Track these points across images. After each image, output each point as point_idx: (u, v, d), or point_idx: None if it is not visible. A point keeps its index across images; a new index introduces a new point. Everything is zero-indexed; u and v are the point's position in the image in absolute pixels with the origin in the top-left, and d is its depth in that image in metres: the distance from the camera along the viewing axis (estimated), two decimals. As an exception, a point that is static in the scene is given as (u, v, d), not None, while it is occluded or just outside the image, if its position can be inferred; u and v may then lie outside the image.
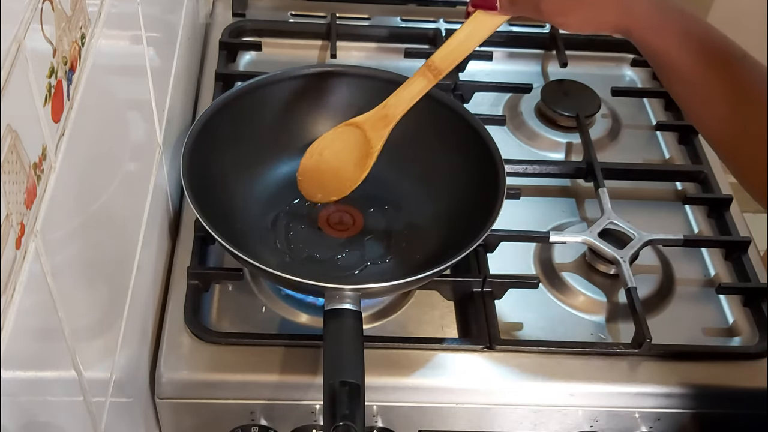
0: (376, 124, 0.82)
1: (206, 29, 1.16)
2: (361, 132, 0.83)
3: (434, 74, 0.79)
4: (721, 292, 0.89)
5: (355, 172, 0.84)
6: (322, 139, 0.86)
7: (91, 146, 0.58)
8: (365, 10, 1.20)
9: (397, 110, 0.81)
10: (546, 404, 0.81)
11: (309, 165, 0.86)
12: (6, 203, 0.42)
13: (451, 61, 0.79)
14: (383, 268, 0.85)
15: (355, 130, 0.83)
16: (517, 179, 0.96)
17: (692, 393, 0.81)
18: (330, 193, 0.85)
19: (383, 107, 0.82)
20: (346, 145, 0.84)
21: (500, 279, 0.85)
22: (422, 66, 0.80)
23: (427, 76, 0.80)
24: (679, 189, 1.01)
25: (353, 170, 0.84)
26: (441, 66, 0.79)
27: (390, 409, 0.80)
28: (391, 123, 0.81)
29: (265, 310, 0.84)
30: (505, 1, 0.74)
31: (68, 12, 0.51)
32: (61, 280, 0.50)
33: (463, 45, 0.79)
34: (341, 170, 0.84)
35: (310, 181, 0.86)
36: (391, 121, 0.81)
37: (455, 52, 0.79)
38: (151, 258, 0.79)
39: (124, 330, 0.68)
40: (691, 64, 0.68)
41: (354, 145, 0.83)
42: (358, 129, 0.83)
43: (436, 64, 0.79)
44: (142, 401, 0.77)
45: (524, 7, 0.73)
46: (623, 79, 1.16)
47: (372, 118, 0.82)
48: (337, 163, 0.84)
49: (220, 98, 0.89)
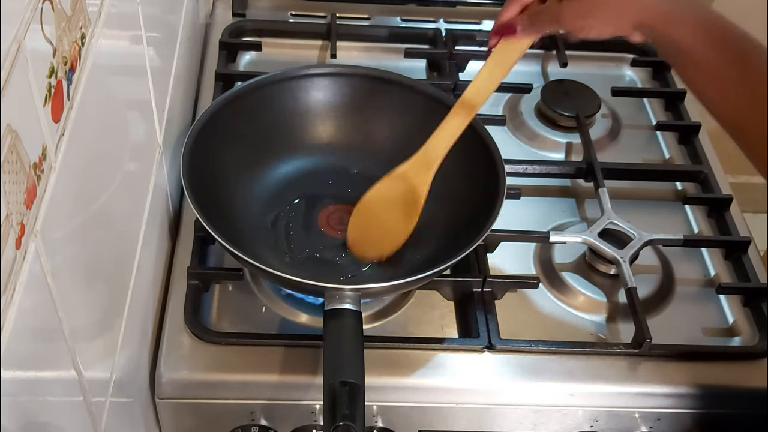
0: (419, 170, 0.82)
1: (206, 29, 1.16)
2: (405, 181, 0.82)
3: (467, 111, 0.80)
4: (721, 292, 0.89)
5: (405, 224, 0.83)
6: (369, 196, 0.84)
7: (91, 146, 0.58)
8: (365, 10, 1.20)
9: (437, 152, 0.81)
10: (546, 404, 0.81)
11: (359, 225, 0.84)
12: (6, 203, 0.42)
13: (483, 93, 0.80)
14: (383, 268, 0.85)
15: (399, 181, 0.83)
16: (517, 179, 0.96)
17: (692, 393, 0.81)
18: (383, 249, 0.84)
19: (424, 152, 0.82)
20: (393, 199, 0.83)
21: (500, 279, 0.85)
22: (455, 104, 0.81)
23: (461, 114, 0.81)
24: (679, 189, 1.01)
25: (403, 223, 0.83)
26: (474, 101, 0.80)
27: (390, 409, 0.80)
28: (433, 166, 0.81)
29: (265, 310, 0.84)
30: (524, 23, 0.75)
31: (68, 12, 0.51)
32: (61, 280, 0.50)
33: (492, 77, 0.80)
34: (392, 224, 0.84)
35: (362, 241, 0.85)
36: (433, 164, 0.81)
37: (486, 85, 0.80)
38: (151, 258, 0.79)
39: (124, 330, 0.68)
40: (710, 53, 0.68)
41: (401, 197, 0.83)
42: (402, 179, 0.82)
43: (469, 101, 0.80)
44: (142, 401, 0.77)
45: (544, 22, 0.74)
46: (623, 79, 1.16)
47: (415, 165, 0.82)
48: (386, 218, 0.84)
49: (220, 98, 0.89)
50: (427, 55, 1.13)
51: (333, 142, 0.93)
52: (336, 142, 0.93)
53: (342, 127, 0.94)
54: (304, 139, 0.93)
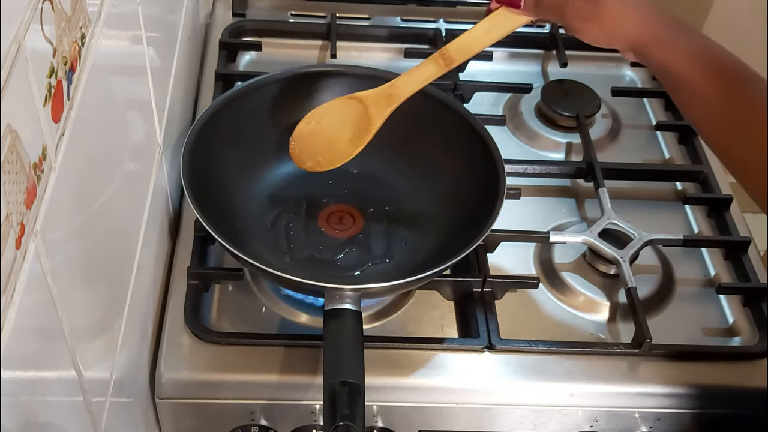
0: (379, 101, 0.81)
1: (206, 29, 1.16)
2: (363, 107, 0.81)
3: (446, 62, 0.79)
4: (721, 292, 0.89)
5: (349, 147, 0.82)
6: (322, 108, 0.84)
7: (91, 146, 0.58)
8: (365, 10, 1.20)
9: (403, 91, 0.80)
10: (546, 404, 0.81)
11: (305, 131, 0.83)
12: (6, 203, 0.42)
13: (465, 52, 0.79)
14: (383, 268, 0.85)
15: (357, 104, 0.82)
16: (517, 179, 0.96)
17: (692, 393, 0.81)
18: (320, 163, 0.83)
19: (390, 86, 0.81)
20: (345, 118, 0.82)
21: (500, 279, 0.85)
22: (436, 52, 0.80)
23: (439, 62, 0.79)
24: (679, 189, 1.01)
25: (348, 144, 0.82)
26: (454, 56, 0.79)
27: (390, 409, 0.80)
28: (395, 103, 0.80)
29: (265, 310, 0.84)
30: (530, 3, 0.75)
31: (68, 12, 0.51)
32: (61, 280, 0.50)
33: (480, 39, 0.78)
34: (336, 142, 0.82)
35: (303, 148, 0.83)
36: (395, 101, 0.80)
37: (471, 45, 0.79)
38: (151, 258, 0.79)
39: (124, 330, 0.68)
40: (704, 81, 0.69)
41: (353, 119, 0.81)
42: (360, 104, 0.81)
43: (449, 53, 0.79)
44: (142, 401, 0.77)
45: (549, 9, 0.74)
46: (623, 79, 1.16)
47: (377, 95, 0.81)
48: (333, 134, 0.82)
49: (220, 98, 0.89)
50: (427, 55, 1.12)
51: (333, 142, 0.93)
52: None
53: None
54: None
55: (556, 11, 0.74)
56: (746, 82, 0.69)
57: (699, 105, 0.71)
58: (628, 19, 0.72)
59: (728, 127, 0.69)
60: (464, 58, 0.79)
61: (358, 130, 0.81)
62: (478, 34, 0.78)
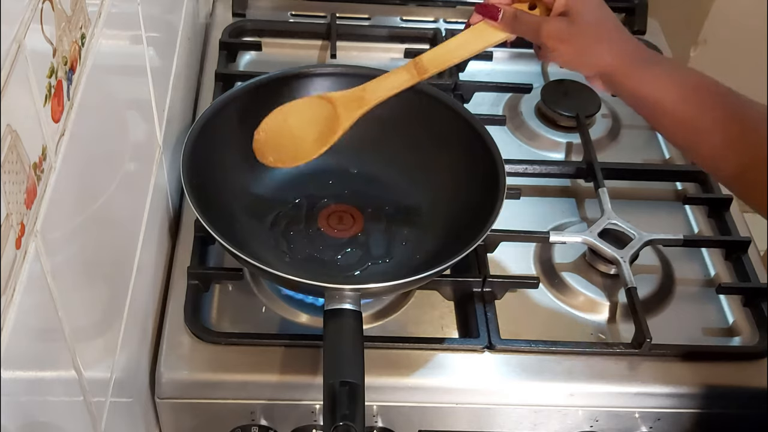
0: (349, 104, 0.81)
1: (206, 29, 1.16)
2: (332, 108, 0.81)
3: (419, 72, 0.80)
4: (721, 292, 0.89)
5: (314, 146, 0.81)
6: (291, 104, 0.84)
7: (91, 146, 0.58)
8: (365, 10, 1.20)
9: (373, 95, 0.80)
10: (546, 404, 0.81)
11: (271, 126, 0.83)
12: (6, 203, 0.42)
13: (438, 64, 0.80)
14: (383, 268, 0.85)
15: (326, 104, 0.82)
16: (517, 179, 0.96)
17: (692, 393, 0.81)
18: (282, 158, 0.83)
19: (361, 90, 0.81)
20: (313, 117, 0.82)
21: (500, 279, 0.85)
22: (410, 61, 0.80)
23: (412, 71, 0.80)
24: (679, 189, 1.01)
25: (312, 143, 0.82)
26: (428, 66, 0.80)
27: (390, 409, 0.80)
28: (364, 106, 0.80)
29: (265, 310, 0.84)
30: (508, 15, 0.76)
31: (68, 12, 0.51)
32: (61, 280, 0.50)
33: (454, 52, 0.80)
34: (301, 140, 0.82)
35: (267, 142, 0.83)
36: (365, 104, 0.80)
37: (445, 57, 0.80)
38: (151, 258, 0.79)
39: (124, 330, 0.68)
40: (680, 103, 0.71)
41: (322, 119, 0.81)
42: (330, 104, 0.81)
43: (423, 63, 0.80)
44: (142, 401, 0.77)
45: (525, 25, 0.76)
46: (623, 79, 1.16)
47: (346, 97, 0.81)
48: (299, 132, 0.82)
49: (220, 98, 0.89)
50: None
51: (333, 142, 0.93)
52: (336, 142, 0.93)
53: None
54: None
55: (532, 28, 0.75)
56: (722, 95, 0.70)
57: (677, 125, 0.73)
58: (601, 44, 0.73)
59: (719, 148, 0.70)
60: (437, 69, 0.80)
61: (325, 129, 0.81)
62: (453, 47, 0.80)
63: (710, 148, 0.71)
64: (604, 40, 0.74)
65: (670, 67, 0.74)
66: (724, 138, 0.69)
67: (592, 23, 0.73)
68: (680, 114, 0.71)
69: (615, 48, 0.73)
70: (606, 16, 0.74)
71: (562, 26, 0.74)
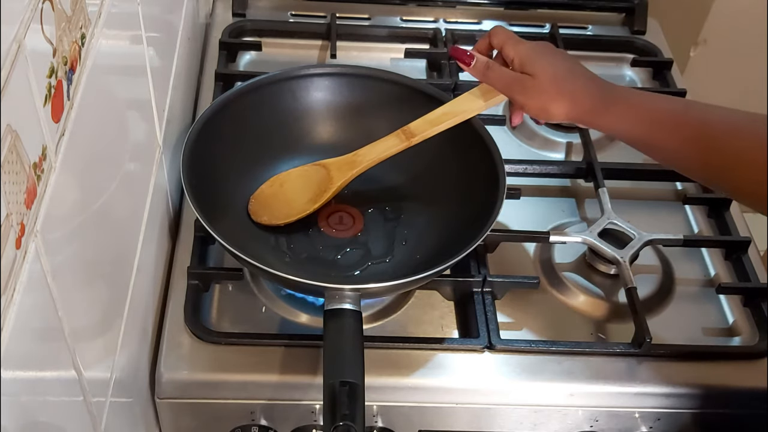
0: (342, 167, 0.86)
1: (206, 29, 1.16)
2: (326, 172, 0.86)
3: (407, 137, 0.84)
4: (721, 292, 0.89)
5: (307, 204, 0.86)
6: (288, 173, 0.88)
7: (91, 146, 0.58)
8: (365, 10, 1.20)
9: (365, 159, 0.85)
10: (546, 404, 0.81)
11: (266, 193, 0.87)
12: (6, 203, 0.42)
13: (424, 129, 0.84)
14: (383, 268, 0.85)
15: (321, 170, 0.87)
16: (517, 179, 0.96)
17: (692, 393, 0.81)
18: (276, 216, 0.86)
19: (353, 154, 0.86)
20: (307, 182, 0.87)
21: (500, 279, 0.85)
22: (400, 128, 0.84)
23: (401, 137, 0.84)
24: (679, 189, 1.01)
25: (305, 202, 0.86)
26: (415, 132, 0.84)
27: (390, 409, 0.80)
28: (356, 168, 0.85)
29: (265, 310, 0.84)
30: (480, 64, 0.81)
31: (68, 12, 0.51)
32: (61, 280, 0.50)
33: (440, 119, 0.84)
34: (294, 201, 0.86)
35: (261, 205, 0.87)
36: (356, 166, 0.85)
37: (431, 123, 0.84)
38: (151, 258, 0.79)
39: (124, 330, 0.68)
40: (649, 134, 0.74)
41: (315, 182, 0.86)
42: (324, 169, 0.86)
43: (411, 130, 0.84)
44: (142, 401, 0.77)
45: (497, 78, 0.80)
46: (623, 79, 1.16)
47: (340, 161, 0.86)
48: (292, 195, 0.87)
49: (220, 98, 0.89)
50: (427, 55, 1.13)
51: (333, 142, 0.93)
52: (336, 142, 0.93)
53: (342, 127, 0.94)
54: (304, 139, 0.93)
55: (503, 82, 0.79)
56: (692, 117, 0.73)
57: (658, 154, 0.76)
58: (562, 98, 0.76)
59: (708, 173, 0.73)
60: (424, 135, 0.84)
61: (318, 190, 0.86)
62: (438, 115, 0.85)
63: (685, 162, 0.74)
64: (565, 93, 0.76)
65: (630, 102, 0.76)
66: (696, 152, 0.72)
67: (548, 81, 0.76)
68: (653, 142, 0.75)
69: (576, 99, 0.76)
70: (562, 70, 0.77)
71: (526, 84, 0.77)
